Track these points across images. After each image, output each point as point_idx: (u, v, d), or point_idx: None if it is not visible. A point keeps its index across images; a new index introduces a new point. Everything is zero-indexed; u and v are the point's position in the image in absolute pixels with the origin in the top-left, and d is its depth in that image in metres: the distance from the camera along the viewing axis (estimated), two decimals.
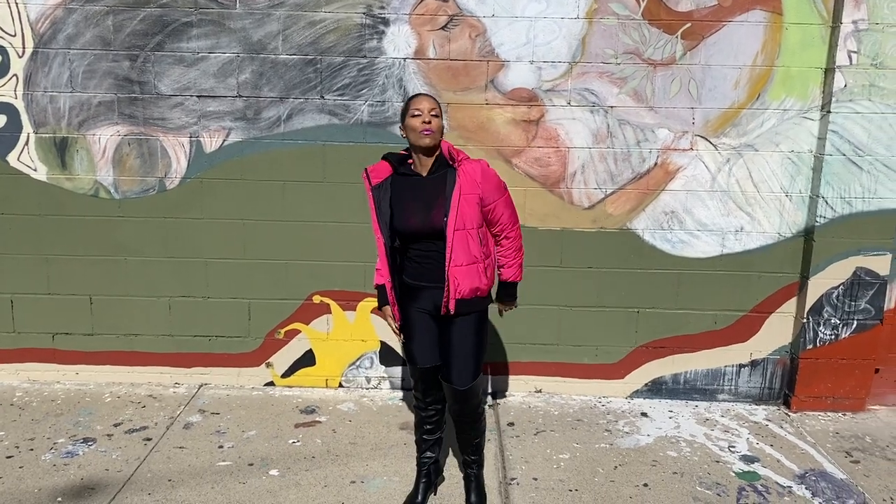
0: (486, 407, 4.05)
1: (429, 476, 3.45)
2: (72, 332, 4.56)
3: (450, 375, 3.20)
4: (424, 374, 3.26)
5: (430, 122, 3.02)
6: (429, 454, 3.43)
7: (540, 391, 4.60)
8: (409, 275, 3.22)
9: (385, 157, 3.21)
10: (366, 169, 3.20)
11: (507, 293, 3.37)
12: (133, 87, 4.25)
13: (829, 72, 4.14)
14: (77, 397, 4.42)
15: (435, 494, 3.47)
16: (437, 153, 3.13)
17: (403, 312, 3.25)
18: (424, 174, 3.14)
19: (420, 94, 3.16)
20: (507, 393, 4.56)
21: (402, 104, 4.21)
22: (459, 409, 3.28)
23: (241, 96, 4.25)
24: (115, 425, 4.09)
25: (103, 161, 4.34)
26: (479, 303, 3.19)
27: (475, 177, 3.10)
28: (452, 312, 3.12)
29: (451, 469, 3.68)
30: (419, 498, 3.38)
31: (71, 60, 4.21)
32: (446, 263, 3.07)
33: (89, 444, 3.88)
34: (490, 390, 4.54)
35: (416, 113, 3.05)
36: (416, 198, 3.12)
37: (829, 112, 4.13)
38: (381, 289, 3.26)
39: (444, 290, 3.09)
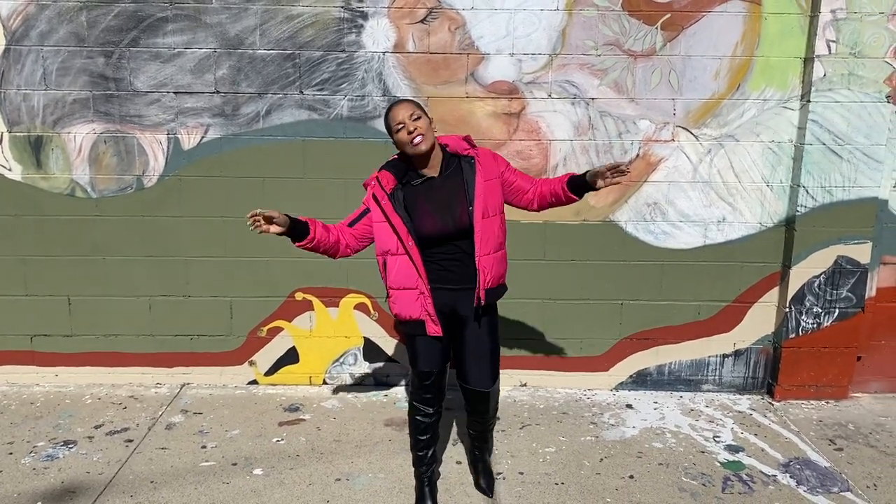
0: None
1: (431, 481, 3.37)
2: (50, 333, 4.49)
3: (469, 378, 3.15)
4: (434, 377, 3.15)
5: (414, 130, 2.91)
6: (430, 461, 3.34)
7: (525, 385, 4.59)
8: (429, 279, 3.07)
9: (386, 168, 3.08)
10: (375, 177, 3.05)
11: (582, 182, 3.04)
12: (108, 84, 4.19)
13: (808, 61, 4.15)
14: (57, 399, 4.36)
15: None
16: (441, 151, 3.05)
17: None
18: (436, 175, 3.04)
19: (394, 105, 3.00)
20: None
21: (381, 98, 4.19)
22: (483, 410, 3.25)
23: (218, 92, 4.20)
24: (96, 427, 4.03)
25: (79, 160, 4.28)
26: (501, 291, 3.17)
27: (490, 160, 3.08)
28: (483, 304, 3.06)
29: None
30: (429, 502, 3.32)
31: (44, 57, 4.14)
32: (476, 254, 2.99)
33: (70, 446, 3.82)
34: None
35: (399, 126, 2.93)
36: (434, 200, 3.00)
37: (808, 101, 4.14)
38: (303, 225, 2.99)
39: (476, 282, 3.01)
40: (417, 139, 2.91)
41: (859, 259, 4.31)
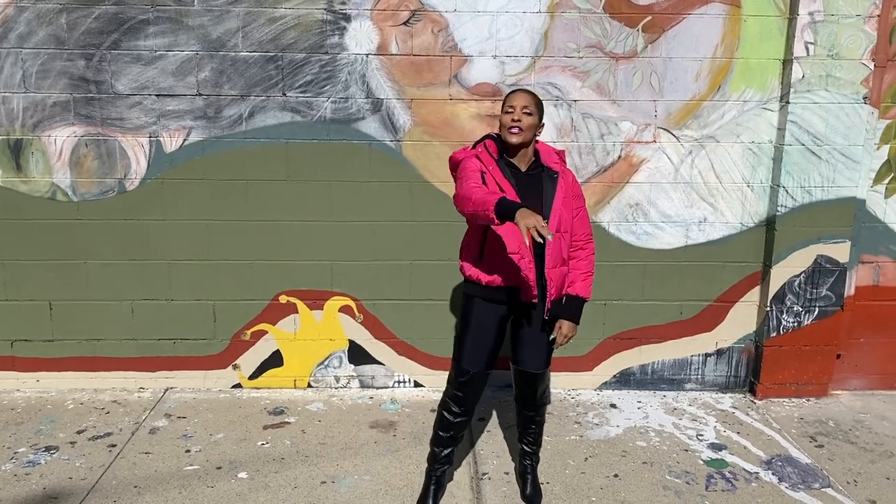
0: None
1: (439, 482, 3.37)
2: (31, 338, 4.45)
3: (524, 361, 3.21)
4: (472, 378, 3.17)
5: (519, 120, 2.98)
6: (443, 461, 3.34)
7: (510, 385, 4.59)
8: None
9: (489, 138, 3.13)
10: (483, 143, 3.08)
11: (577, 311, 3.18)
12: (89, 86, 4.16)
13: (787, 63, 4.20)
14: (38, 405, 4.32)
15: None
16: (531, 151, 3.10)
17: (476, 308, 3.14)
18: (523, 169, 3.10)
19: (518, 90, 3.11)
20: None
21: (365, 101, 4.20)
22: (531, 394, 3.28)
23: (201, 94, 4.18)
24: (79, 432, 4.00)
25: (60, 163, 4.24)
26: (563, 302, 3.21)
27: (572, 183, 3.13)
28: (547, 317, 3.12)
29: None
30: (430, 502, 3.32)
31: (24, 60, 4.11)
32: (545, 266, 3.03)
33: (52, 452, 3.79)
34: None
35: (509, 109, 3.02)
36: (517, 188, 3.03)
37: (787, 103, 4.19)
38: (501, 202, 2.71)
39: (545, 292, 3.06)
40: (514, 129, 2.99)
41: (838, 258, 4.37)
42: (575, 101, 4.26)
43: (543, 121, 3.14)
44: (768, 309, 4.42)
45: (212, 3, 4.07)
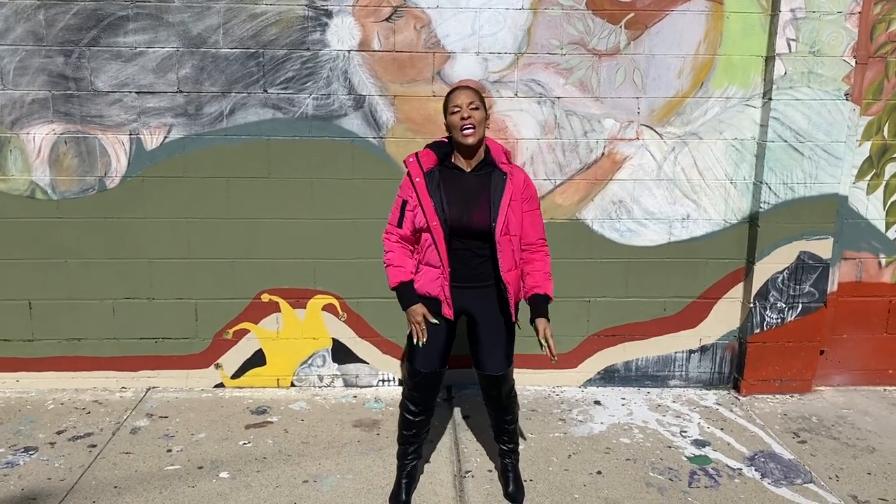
0: (443, 400, 4.03)
1: (410, 475, 3.38)
2: (11, 338, 4.40)
3: (484, 364, 3.20)
4: (425, 379, 3.18)
5: (469, 117, 2.95)
6: (412, 457, 3.37)
7: None
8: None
9: (430, 147, 3.13)
10: (415, 154, 3.09)
11: (547, 310, 3.18)
12: (68, 83, 4.11)
13: (769, 60, 4.21)
14: (18, 405, 4.27)
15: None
16: (481, 150, 3.08)
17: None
18: (468, 170, 3.08)
19: (459, 87, 3.07)
20: (462, 385, 4.54)
21: (347, 97, 4.17)
22: (497, 395, 3.28)
23: (181, 91, 4.14)
24: (59, 433, 3.96)
25: (39, 161, 4.20)
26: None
27: (521, 184, 3.09)
28: (515, 319, 3.17)
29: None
30: (403, 497, 3.31)
31: (1, 57, 4.06)
32: (500, 269, 3.05)
33: (31, 453, 3.75)
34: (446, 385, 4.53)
35: (455, 109, 2.98)
36: (458, 192, 3.04)
37: (770, 99, 4.19)
38: (403, 287, 3.09)
39: (504, 293, 3.10)
40: (468, 130, 2.96)
41: (821, 254, 4.38)
42: (558, 98, 4.25)
43: (487, 113, 3.12)
44: (752, 305, 4.42)
45: (192, 0, 4.03)
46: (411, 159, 3.10)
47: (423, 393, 3.23)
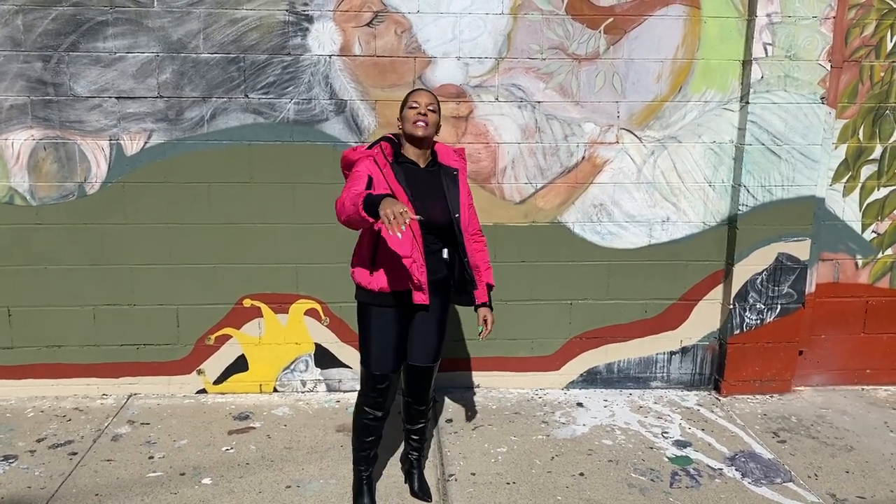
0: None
1: (370, 479, 3.40)
2: None
3: (415, 355, 3.22)
4: (383, 382, 3.17)
5: (425, 115, 3.06)
6: (373, 461, 3.39)
7: (478, 386, 4.61)
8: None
9: (385, 140, 3.15)
10: (379, 145, 3.09)
11: (490, 298, 3.35)
12: (47, 88, 4.09)
13: (746, 64, 4.26)
14: None
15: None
16: (430, 149, 3.18)
17: (372, 314, 3.13)
18: (422, 165, 3.16)
19: (420, 89, 3.24)
20: (445, 389, 4.55)
21: (328, 102, 4.18)
22: (423, 389, 3.30)
23: (161, 97, 4.13)
24: (39, 441, 3.93)
25: (17, 166, 4.17)
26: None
27: (466, 178, 3.25)
28: (488, 301, 3.31)
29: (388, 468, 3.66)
30: (366, 500, 3.33)
31: None
32: (470, 264, 3.17)
33: (10, 461, 3.71)
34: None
35: (413, 105, 3.08)
36: (418, 186, 3.07)
37: (747, 103, 4.24)
38: (367, 196, 2.76)
39: (474, 284, 3.22)
40: (421, 122, 3.05)
41: (799, 256, 4.43)
42: (539, 102, 4.28)
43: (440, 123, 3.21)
44: (731, 307, 4.47)
45: (172, 5, 4.02)
46: (376, 150, 3.07)
47: (388, 396, 3.21)
